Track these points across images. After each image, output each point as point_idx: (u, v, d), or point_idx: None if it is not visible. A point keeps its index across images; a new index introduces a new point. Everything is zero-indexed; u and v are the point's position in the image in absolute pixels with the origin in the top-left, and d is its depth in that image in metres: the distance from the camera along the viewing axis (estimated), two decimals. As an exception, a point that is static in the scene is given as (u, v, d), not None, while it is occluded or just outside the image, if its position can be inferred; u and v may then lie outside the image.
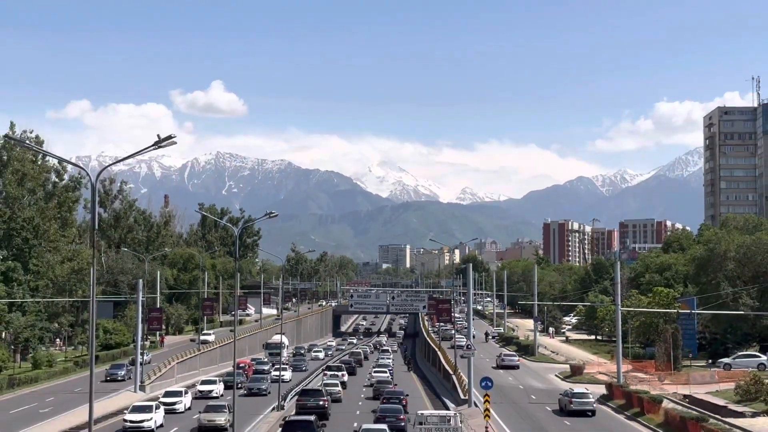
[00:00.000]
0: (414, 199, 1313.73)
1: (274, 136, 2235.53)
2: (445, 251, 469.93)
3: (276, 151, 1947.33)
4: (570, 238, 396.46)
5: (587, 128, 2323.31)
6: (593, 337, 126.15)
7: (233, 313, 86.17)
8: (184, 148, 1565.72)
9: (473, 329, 76.90)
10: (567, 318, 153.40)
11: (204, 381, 73.75)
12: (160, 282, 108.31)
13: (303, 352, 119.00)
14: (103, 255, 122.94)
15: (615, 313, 70.41)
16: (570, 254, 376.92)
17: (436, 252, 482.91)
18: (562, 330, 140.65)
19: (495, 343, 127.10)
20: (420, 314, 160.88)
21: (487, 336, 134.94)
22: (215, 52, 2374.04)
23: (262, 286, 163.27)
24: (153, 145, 29.74)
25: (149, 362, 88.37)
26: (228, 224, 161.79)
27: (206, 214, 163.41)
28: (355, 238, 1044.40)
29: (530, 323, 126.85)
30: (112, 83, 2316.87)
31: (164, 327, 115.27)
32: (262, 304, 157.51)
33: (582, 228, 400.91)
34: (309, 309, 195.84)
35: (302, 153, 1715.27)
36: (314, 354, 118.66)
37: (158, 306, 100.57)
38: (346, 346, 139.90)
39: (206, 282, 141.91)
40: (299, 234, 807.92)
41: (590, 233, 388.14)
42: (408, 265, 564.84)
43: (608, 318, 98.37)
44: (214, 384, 71.36)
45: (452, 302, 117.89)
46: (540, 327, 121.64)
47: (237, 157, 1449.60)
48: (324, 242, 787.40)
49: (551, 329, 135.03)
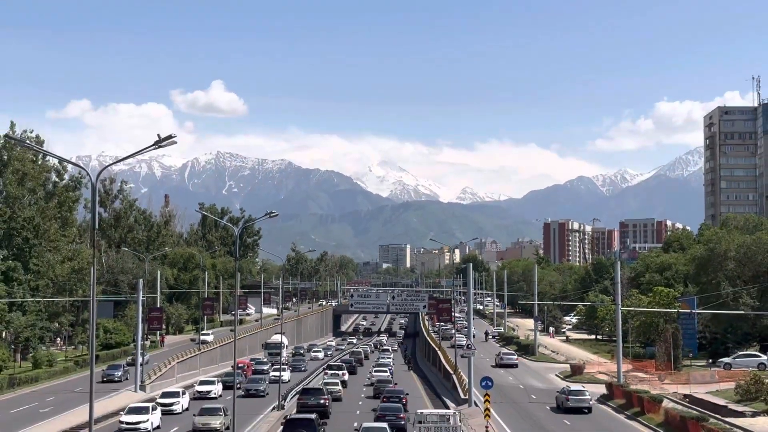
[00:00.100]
0: (414, 199, 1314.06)
1: (275, 136, 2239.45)
2: (446, 251, 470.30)
3: (276, 151, 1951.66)
4: (570, 238, 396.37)
5: (587, 128, 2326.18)
6: (593, 337, 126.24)
7: (233, 313, 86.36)
8: (185, 148, 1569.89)
9: (473, 329, 76.94)
10: (567, 318, 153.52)
11: (202, 381, 73.27)
12: (161, 282, 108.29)
13: (302, 352, 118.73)
14: (104, 255, 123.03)
15: (615, 313, 70.36)
16: (570, 254, 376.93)
17: (437, 252, 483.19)
18: (563, 330, 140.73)
19: (495, 343, 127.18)
20: (420, 314, 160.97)
21: (487, 335, 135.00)
22: (215, 52, 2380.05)
23: (263, 286, 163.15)
24: (153, 145, 29.70)
25: (147, 362, 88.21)
26: (228, 224, 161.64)
27: (206, 214, 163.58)
28: (356, 238, 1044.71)
29: (530, 323, 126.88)
30: (113, 83, 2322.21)
31: (164, 327, 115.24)
32: (263, 304, 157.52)
33: (582, 228, 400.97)
34: (309, 309, 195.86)
35: (302, 153, 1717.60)
36: (313, 354, 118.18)
37: (158, 306, 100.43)
38: (346, 346, 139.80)
39: (206, 282, 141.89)
40: (299, 234, 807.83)
41: (590, 233, 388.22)
42: (408, 265, 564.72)
43: (608, 318, 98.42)
44: (213, 384, 70.87)
45: (452, 302, 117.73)
46: (540, 327, 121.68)
47: (237, 157, 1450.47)
48: (324, 242, 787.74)
49: (551, 329, 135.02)
